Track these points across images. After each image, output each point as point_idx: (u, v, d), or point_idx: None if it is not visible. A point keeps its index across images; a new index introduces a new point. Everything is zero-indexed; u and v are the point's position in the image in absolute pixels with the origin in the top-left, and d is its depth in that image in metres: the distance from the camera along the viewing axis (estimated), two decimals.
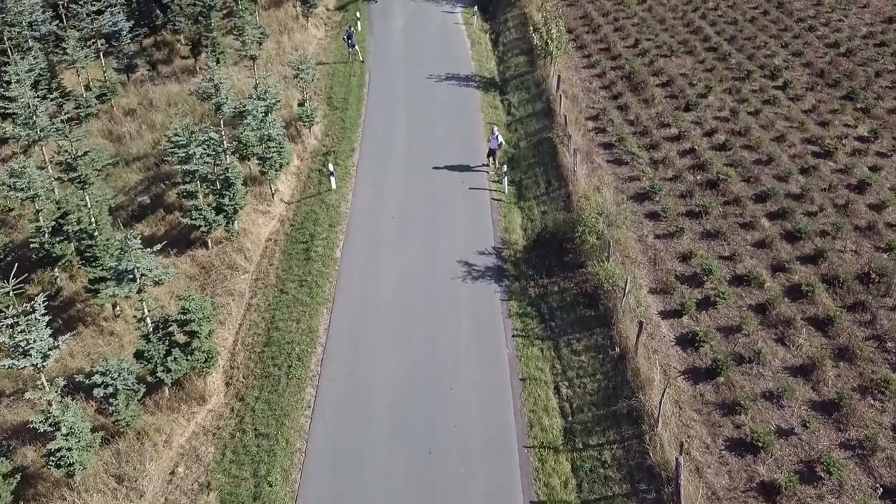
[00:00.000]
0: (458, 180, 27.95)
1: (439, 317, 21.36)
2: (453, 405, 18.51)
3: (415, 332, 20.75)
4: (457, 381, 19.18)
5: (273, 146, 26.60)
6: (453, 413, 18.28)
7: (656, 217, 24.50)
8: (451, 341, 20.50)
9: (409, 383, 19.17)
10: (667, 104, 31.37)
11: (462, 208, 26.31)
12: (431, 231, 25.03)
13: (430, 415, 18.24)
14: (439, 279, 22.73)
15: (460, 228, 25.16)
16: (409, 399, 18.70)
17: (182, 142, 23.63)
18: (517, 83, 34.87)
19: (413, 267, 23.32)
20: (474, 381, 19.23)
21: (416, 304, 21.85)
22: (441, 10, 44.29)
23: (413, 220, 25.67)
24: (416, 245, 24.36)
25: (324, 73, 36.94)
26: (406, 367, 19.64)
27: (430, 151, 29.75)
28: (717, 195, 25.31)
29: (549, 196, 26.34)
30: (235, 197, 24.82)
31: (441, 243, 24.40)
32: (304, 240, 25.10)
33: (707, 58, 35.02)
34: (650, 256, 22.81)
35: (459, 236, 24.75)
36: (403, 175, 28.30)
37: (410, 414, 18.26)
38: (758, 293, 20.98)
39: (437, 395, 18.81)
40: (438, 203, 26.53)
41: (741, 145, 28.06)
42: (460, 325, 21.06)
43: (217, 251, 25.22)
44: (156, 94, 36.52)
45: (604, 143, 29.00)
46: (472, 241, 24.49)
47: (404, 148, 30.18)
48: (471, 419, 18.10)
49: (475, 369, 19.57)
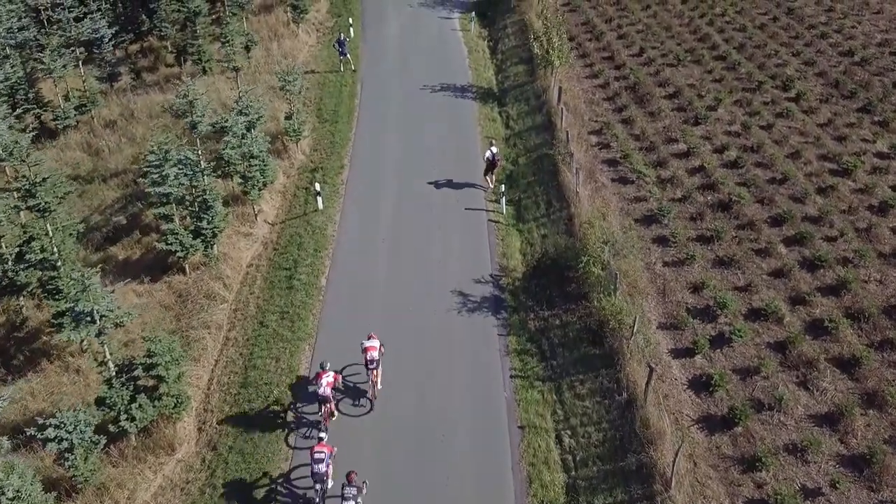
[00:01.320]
0: (454, 199, 26.29)
1: (432, 354, 19.71)
2: (444, 456, 16.86)
3: (404, 373, 19.09)
4: (449, 429, 17.53)
5: (256, 164, 24.94)
6: (444, 466, 16.62)
7: (665, 242, 22.85)
8: (443, 382, 18.85)
9: (396, 432, 17.51)
10: (674, 117, 29.72)
11: (458, 231, 24.65)
12: (424, 257, 23.38)
13: (418, 468, 16.59)
14: (432, 311, 21.07)
15: (455, 253, 23.50)
16: (395, 450, 17.04)
17: (156, 162, 21.98)
18: (516, 94, 33.21)
19: (403, 298, 21.66)
20: (468, 428, 17.58)
21: (406, 340, 20.17)
22: (437, 15, 42.63)
23: (405, 244, 24.02)
24: (407, 272, 22.71)
25: (314, 82, 35.28)
26: (394, 413, 17.97)
27: (424, 168, 28.09)
28: (729, 218, 23.66)
29: (550, 218, 24.68)
30: (214, 220, 23.16)
31: (434, 270, 22.74)
32: (288, 266, 23.44)
33: (715, 67, 33.37)
34: (659, 286, 21.15)
35: (454, 262, 23.09)
36: (395, 194, 26.64)
37: (397, 469, 16.59)
38: (776, 329, 19.33)
39: (427, 444, 17.15)
40: (432, 225, 24.88)
41: (754, 162, 26.41)
42: (454, 363, 19.41)
43: (195, 277, 23.56)
44: (138, 104, 34.85)
45: (608, 159, 27.34)
46: (468, 268, 22.84)
47: (397, 164, 28.53)
48: (464, 474, 16.45)
49: (469, 415, 17.91)
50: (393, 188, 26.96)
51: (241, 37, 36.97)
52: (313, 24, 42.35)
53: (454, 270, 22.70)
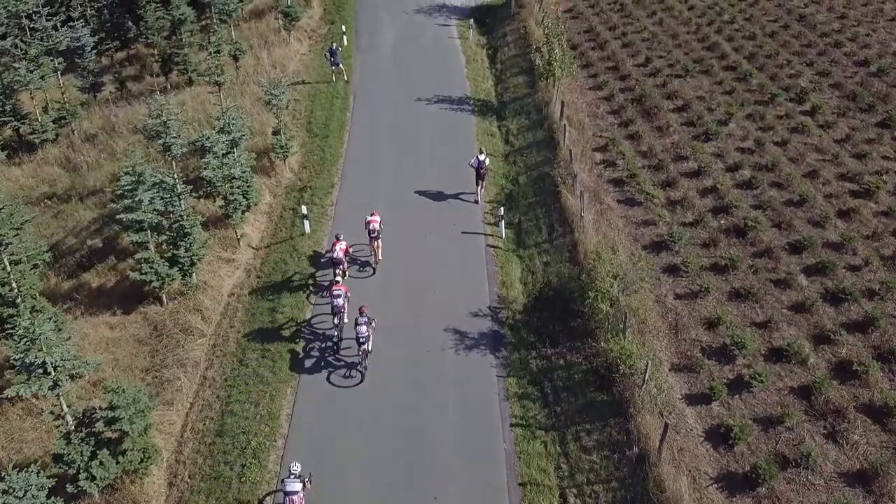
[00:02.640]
0: (450, 222, 24.68)
1: (424, 399, 18.12)
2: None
3: (393, 421, 17.50)
4: (442, 488, 15.93)
5: (239, 185, 23.35)
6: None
7: (676, 272, 21.26)
8: (437, 431, 17.26)
9: (383, 491, 15.90)
10: (683, 133, 28.13)
11: (454, 258, 23.04)
12: (418, 287, 21.77)
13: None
14: (425, 350, 19.46)
15: (451, 284, 21.89)
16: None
17: (128, 186, 20.40)
18: (516, 107, 31.62)
19: (394, 334, 20.05)
20: (464, 486, 15.98)
21: (396, 383, 18.60)
22: (434, 22, 41.02)
23: (397, 274, 22.42)
24: (399, 305, 21.10)
25: (304, 93, 33.68)
26: (381, 469, 16.37)
27: (418, 188, 26.49)
28: (745, 244, 22.07)
29: (553, 244, 23.09)
30: (193, 247, 21.59)
31: (429, 303, 21.14)
32: (271, 297, 21.83)
33: (725, 78, 31.77)
34: (671, 322, 19.56)
35: (450, 293, 21.48)
36: (388, 217, 24.99)
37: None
38: (800, 372, 17.74)
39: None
40: (427, 251, 23.28)
41: (769, 182, 24.82)
42: (448, 409, 17.81)
43: (173, 308, 21.99)
44: (119, 116, 33.27)
45: (614, 178, 25.74)
46: (465, 300, 21.23)
47: (390, 183, 26.92)
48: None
49: (465, 470, 16.30)
50: (385, 211, 25.28)
51: (228, 46, 35.40)
52: (305, 31, 40.74)
53: (450, 302, 21.10)
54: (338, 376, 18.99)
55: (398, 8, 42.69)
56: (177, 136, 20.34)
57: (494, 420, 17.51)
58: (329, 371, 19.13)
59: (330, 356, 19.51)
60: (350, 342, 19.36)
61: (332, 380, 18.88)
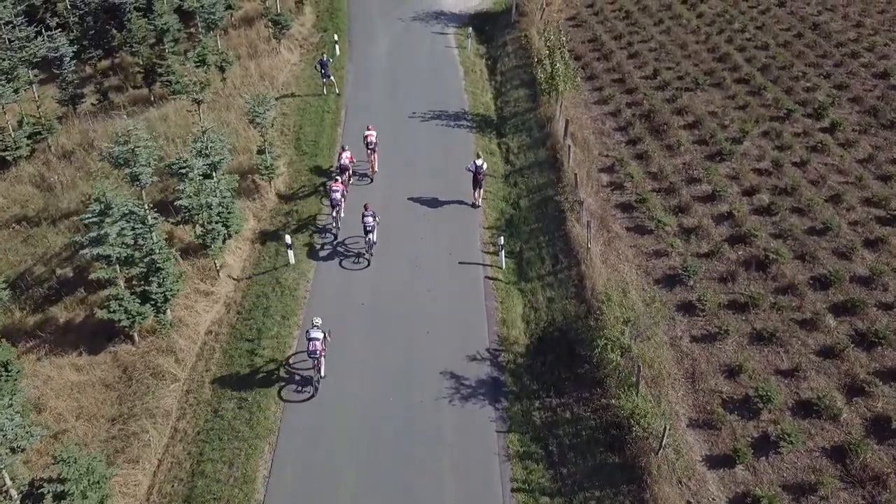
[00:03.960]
0: (446, 251, 22.95)
1: (416, 457, 16.38)
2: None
3: (381, 482, 15.76)
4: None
5: (219, 212, 21.62)
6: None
7: (692, 310, 19.52)
8: (429, 497, 15.50)
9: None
10: (695, 152, 26.38)
11: (450, 291, 21.30)
12: (411, 326, 20.04)
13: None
14: (418, 401, 17.72)
15: (447, 322, 20.16)
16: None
17: (94, 218, 18.67)
18: (517, 123, 29.87)
19: (384, 381, 18.32)
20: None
21: (384, 437, 16.88)
22: (431, 30, 39.24)
23: (388, 310, 20.68)
24: (389, 348, 19.36)
25: (294, 107, 31.93)
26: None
27: (412, 213, 24.78)
28: (766, 279, 20.34)
29: (557, 277, 21.35)
30: (166, 282, 19.85)
31: (422, 345, 19.41)
32: (251, 336, 20.09)
33: (738, 92, 30.03)
34: (687, 369, 17.83)
35: (446, 333, 19.75)
36: (379, 244, 23.28)
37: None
38: (832, 430, 16.02)
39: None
40: (421, 284, 21.54)
41: (789, 207, 23.09)
42: (444, 473, 16.07)
43: (145, 347, 20.28)
44: (98, 131, 31.51)
45: (622, 203, 24.01)
46: (462, 341, 19.50)
47: (382, 207, 25.09)
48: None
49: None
50: (376, 239, 23.59)
51: (214, 56, 33.68)
52: (297, 39, 38.96)
53: (445, 344, 19.36)
54: (348, 262, 22.54)
55: (394, 15, 40.91)
56: (146, 164, 18.58)
57: (494, 485, 15.76)
58: (340, 258, 22.73)
59: (337, 247, 23.13)
60: (352, 239, 23.29)
61: (344, 265, 22.43)
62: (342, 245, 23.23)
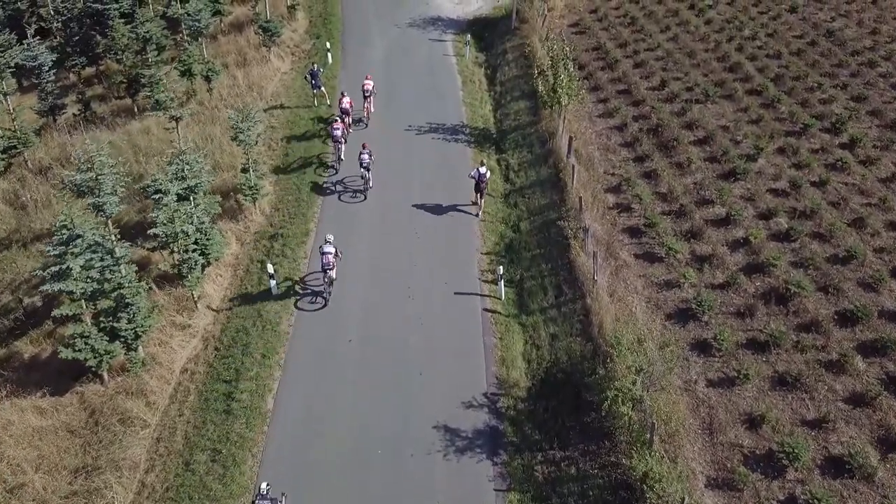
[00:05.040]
0: (441, 280, 21.38)
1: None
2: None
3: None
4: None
5: (196, 240, 20.07)
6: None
7: (707, 349, 17.96)
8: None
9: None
10: (706, 170, 24.81)
11: (445, 326, 19.75)
12: (402, 366, 18.47)
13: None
14: (408, 454, 16.16)
15: (441, 360, 18.60)
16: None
17: (55, 251, 17.12)
18: (517, 137, 28.28)
19: (372, 431, 16.77)
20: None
21: (372, 496, 15.30)
22: (428, 37, 37.64)
23: (377, 347, 19.12)
24: (378, 392, 17.80)
25: (282, 119, 30.36)
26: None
27: (404, 236, 23.23)
28: (786, 314, 18.78)
29: (561, 311, 19.77)
30: (137, 318, 18.30)
31: (414, 389, 17.85)
32: (229, 377, 18.53)
33: (751, 104, 28.43)
34: (703, 419, 16.26)
35: (440, 374, 18.20)
36: (369, 272, 21.76)
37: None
38: (867, 492, 14.48)
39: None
40: (413, 316, 19.98)
41: (809, 233, 21.53)
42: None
43: (115, 387, 18.74)
44: (77, 146, 29.85)
45: (629, 227, 22.44)
46: (457, 384, 17.94)
47: (372, 231, 23.63)
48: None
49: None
50: (366, 264, 22.07)
51: (200, 65, 32.12)
52: (288, 46, 37.36)
53: (439, 387, 17.81)
54: (347, 196, 25.16)
55: (390, 21, 39.30)
56: (112, 192, 17.00)
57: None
58: (339, 193, 25.35)
59: (337, 186, 25.60)
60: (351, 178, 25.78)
61: (343, 199, 25.04)
62: (341, 184, 25.72)
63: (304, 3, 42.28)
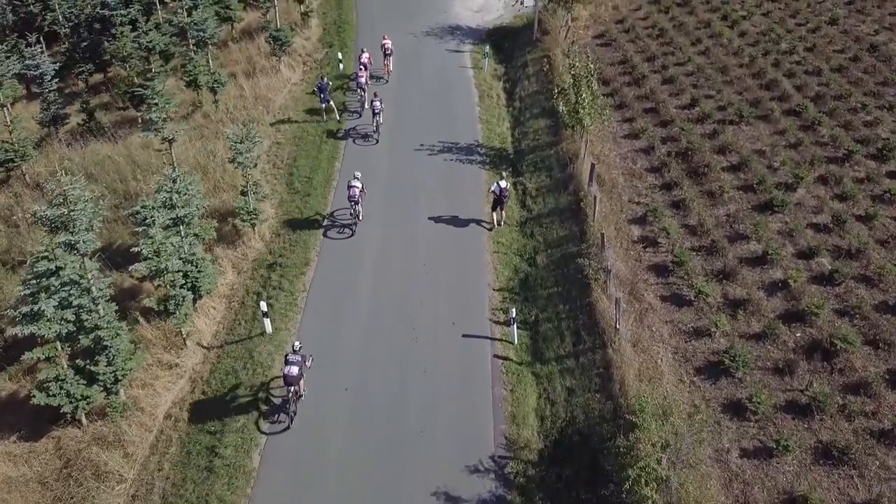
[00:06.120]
0: (448, 319, 19.73)
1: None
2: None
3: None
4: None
5: (186, 273, 18.62)
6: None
7: (740, 411, 16.11)
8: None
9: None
10: (740, 200, 22.88)
11: (451, 373, 18.07)
12: (401, 421, 16.83)
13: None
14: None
15: (445, 416, 16.92)
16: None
17: (27, 290, 15.73)
18: (536, 160, 26.52)
19: (366, 498, 15.13)
20: None
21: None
22: (445, 47, 35.99)
23: (375, 399, 17.50)
24: (373, 453, 16.13)
25: (289, 135, 28.89)
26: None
27: (411, 268, 21.61)
28: (831, 371, 16.85)
29: (578, 361, 18.00)
30: (116, 361, 16.87)
31: (414, 448, 16.18)
32: (213, 428, 17.02)
33: (789, 126, 26.41)
34: (737, 497, 14.43)
35: (443, 433, 16.52)
36: (370, 309, 20.16)
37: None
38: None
39: None
40: (417, 363, 18.33)
41: (855, 275, 19.54)
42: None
43: (94, 432, 17.35)
44: (75, 159, 28.74)
45: (655, 264, 20.61)
46: (461, 444, 16.25)
47: (378, 261, 22.03)
48: None
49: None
50: (368, 300, 20.48)
51: (206, 76, 30.78)
52: (300, 55, 35.95)
53: (441, 448, 16.13)
54: (360, 139, 28.25)
55: (406, 29, 37.67)
56: (88, 229, 15.56)
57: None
58: (353, 138, 28.37)
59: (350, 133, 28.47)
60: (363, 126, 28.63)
61: (357, 142, 28.10)
62: (354, 131, 28.70)
63: (319, 10, 40.91)
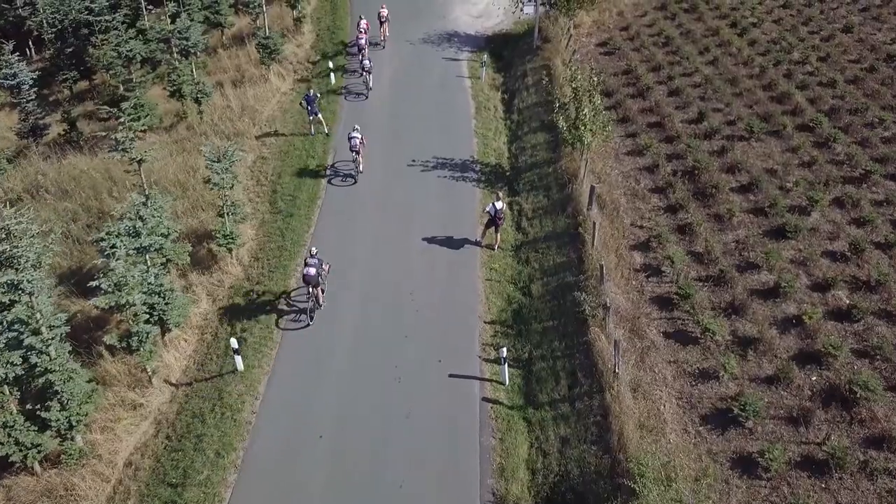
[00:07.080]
0: (435, 356, 18.30)
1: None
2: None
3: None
4: None
5: (152, 305, 17.26)
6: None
7: (751, 468, 14.64)
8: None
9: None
10: (750, 225, 21.40)
11: (435, 419, 16.64)
12: (378, 476, 15.38)
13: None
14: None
15: (427, 469, 15.47)
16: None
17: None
18: (533, 178, 25.08)
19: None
20: None
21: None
22: (442, 55, 34.57)
23: (351, 448, 16.07)
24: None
25: (275, 149, 27.52)
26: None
27: (396, 297, 20.21)
28: (850, 422, 15.37)
29: (574, 406, 16.54)
30: (70, 406, 15.52)
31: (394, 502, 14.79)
32: (175, 479, 15.65)
33: (802, 143, 24.90)
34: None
35: (423, 489, 15.07)
36: (352, 345, 18.75)
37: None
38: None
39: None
40: (398, 407, 16.91)
41: (875, 311, 18.04)
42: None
43: (47, 482, 15.99)
44: (50, 173, 27.46)
45: (659, 296, 19.15)
46: (446, 501, 14.82)
47: (360, 290, 20.62)
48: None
49: None
50: (350, 336, 19.06)
51: (190, 86, 29.44)
52: (291, 63, 34.60)
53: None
54: (351, 97, 30.84)
55: (402, 36, 36.29)
56: (36, 266, 14.18)
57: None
58: (344, 92, 31.19)
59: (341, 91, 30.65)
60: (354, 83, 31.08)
61: (346, 98, 30.68)
62: (345, 88, 31.46)
63: (313, 16, 39.57)
